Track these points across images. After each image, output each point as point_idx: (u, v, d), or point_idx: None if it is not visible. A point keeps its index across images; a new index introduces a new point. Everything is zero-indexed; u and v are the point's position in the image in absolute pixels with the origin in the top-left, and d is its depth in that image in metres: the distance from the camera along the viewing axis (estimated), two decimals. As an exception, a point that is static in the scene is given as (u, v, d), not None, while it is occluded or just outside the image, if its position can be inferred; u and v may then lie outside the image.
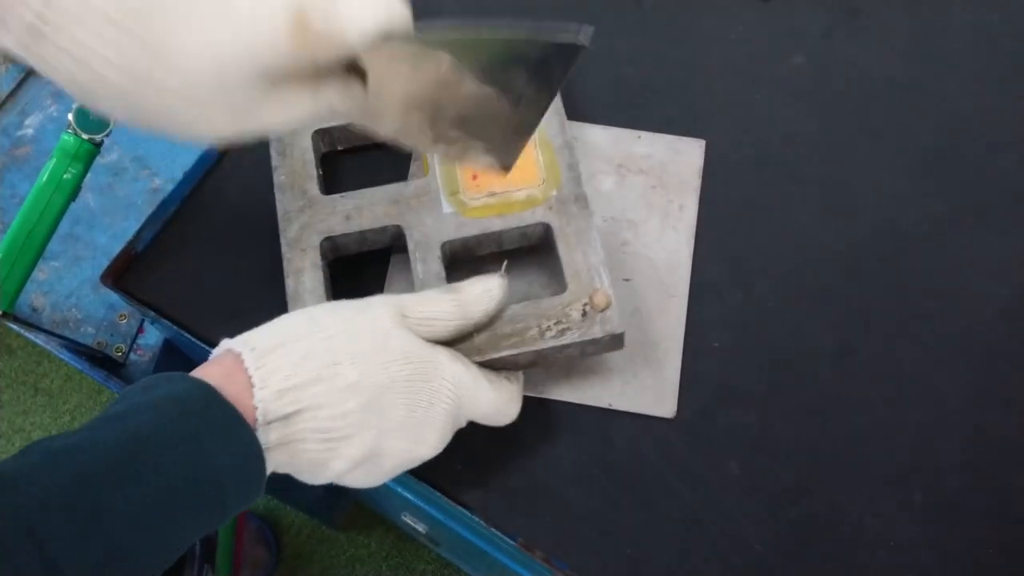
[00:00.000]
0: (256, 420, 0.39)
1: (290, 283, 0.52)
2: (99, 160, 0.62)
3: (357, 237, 0.54)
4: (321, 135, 0.57)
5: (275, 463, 0.41)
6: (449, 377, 0.44)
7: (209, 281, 0.58)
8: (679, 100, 0.63)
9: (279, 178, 0.55)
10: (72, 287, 0.84)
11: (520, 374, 0.50)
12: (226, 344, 0.42)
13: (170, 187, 0.85)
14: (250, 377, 0.40)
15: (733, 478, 0.52)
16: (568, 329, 0.49)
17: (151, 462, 0.36)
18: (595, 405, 0.53)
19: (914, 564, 0.50)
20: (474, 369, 0.46)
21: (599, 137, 0.61)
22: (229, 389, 0.39)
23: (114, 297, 0.85)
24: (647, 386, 0.54)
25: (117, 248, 0.85)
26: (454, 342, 0.47)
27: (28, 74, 0.90)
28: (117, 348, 0.82)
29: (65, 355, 0.83)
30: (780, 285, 0.57)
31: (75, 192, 0.66)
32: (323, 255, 0.53)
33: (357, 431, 0.42)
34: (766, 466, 0.52)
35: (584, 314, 0.50)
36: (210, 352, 0.55)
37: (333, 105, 0.41)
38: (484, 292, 0.47)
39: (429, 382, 0.43)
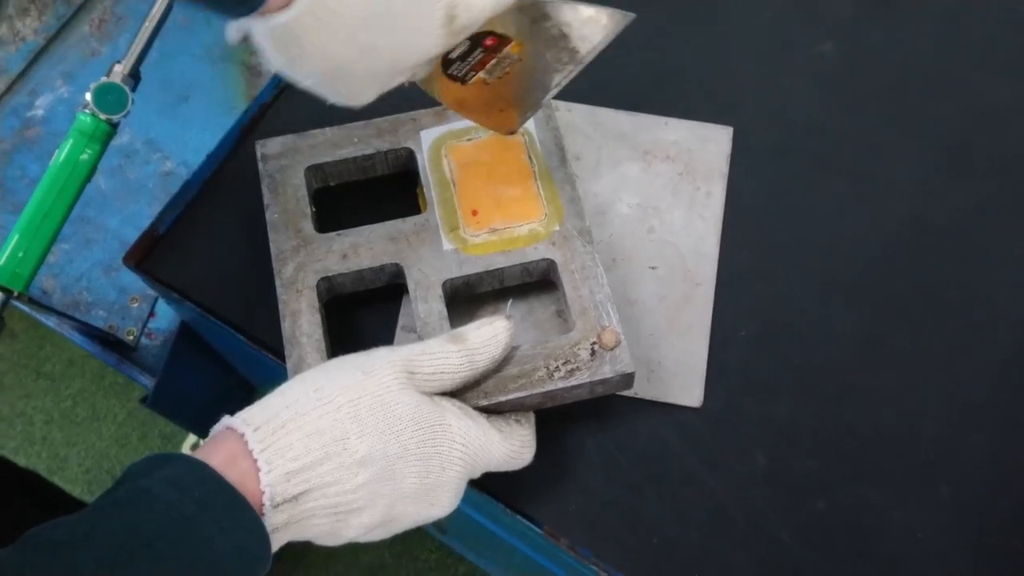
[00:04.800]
0: (263, 504, 0.39)
1: (287, 326, 0.50)
2: (110, 142, 0.61)
3: (354, 277, 0.52)
4: (313, 171, 0.55)
5: (283, 540, 0.40)
6: (459, 439, 0.44)
7: (231, 263, 0.57)
8: (706, 86, 0.63)
9: (272, 216, 0.53)
10: (82, 270, 0.83)
11: (531, 415, 0.49)
12: (227, 422, 0.41)
13: (182, 170, 0.85)
14: (255, 460, 0.39)
15: (760, 468, 0.52)
16: (577, 369, 0.48)
17: (149, 559, 0.35)
18: (621, 393, 0.53)
19: (941, 556, 0.50)
20: (483, 422, 0.45)
21: (625, 123, 0.60)
22: (233, 473, 0.38)
23: (125, 280, 0.84)
24: (673, 375, 0.53)
25: (128, 231, 0.85)
26: (460, 388, 0.46)
27: (39, 54, 0.89)
28: (129, 332, 0.81)
29: (77, 338, 0.82)
30: (807, 274, 0.57)
31: (91, 173, 0.65)
32: (319, 296, 0.52)
33: (368, 503, 0.41)
34: (793, 457, 0.52)
35: (593, 353, 0.49)
36: (234, 335, 0.55)
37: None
38: (491, 338, 0.46)
39: (440, 447, 0.43)
